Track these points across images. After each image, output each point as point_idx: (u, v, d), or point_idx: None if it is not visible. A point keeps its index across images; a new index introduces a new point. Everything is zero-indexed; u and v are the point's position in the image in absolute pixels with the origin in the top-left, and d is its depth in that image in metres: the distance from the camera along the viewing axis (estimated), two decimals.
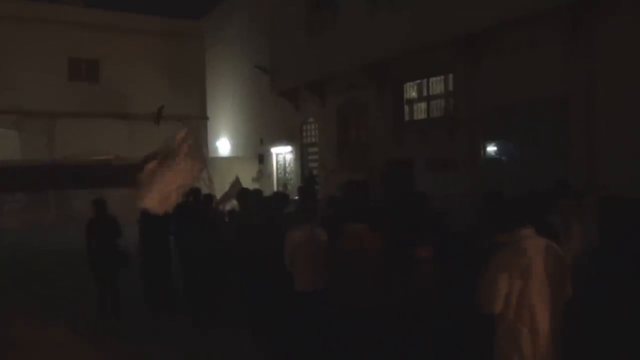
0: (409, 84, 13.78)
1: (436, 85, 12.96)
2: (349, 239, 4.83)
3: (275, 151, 20.40)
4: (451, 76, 12.33)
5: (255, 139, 21.59)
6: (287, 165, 19.79)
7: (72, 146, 19.97)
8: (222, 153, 24.60)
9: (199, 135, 23.52)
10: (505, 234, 3.51)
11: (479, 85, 11.23)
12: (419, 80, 13.44)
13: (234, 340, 6.56)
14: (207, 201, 8.40)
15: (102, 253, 7.79)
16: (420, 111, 13.50)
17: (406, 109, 13.87)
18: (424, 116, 13.37)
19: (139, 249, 8.07)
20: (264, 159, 20.96)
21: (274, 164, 20.62)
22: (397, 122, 13.87)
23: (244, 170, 15.69)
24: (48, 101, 20.44)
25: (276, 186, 19.80)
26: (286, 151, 19.65)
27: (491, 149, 11.29)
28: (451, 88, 12.39)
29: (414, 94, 13.71)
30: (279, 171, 20.43)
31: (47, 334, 7.18)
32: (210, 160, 21.51)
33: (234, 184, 10.99)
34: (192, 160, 6.91)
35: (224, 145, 24.78)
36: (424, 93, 13.33)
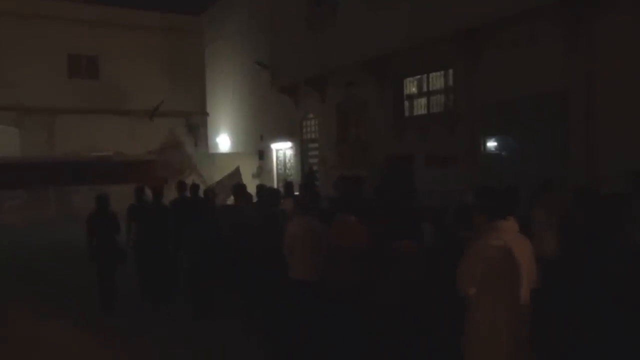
0: (409, 79, 13.75)
1: (436, 80, 12.93)
2: (338, 231, 5.14)
3: (275, 147, 20.38)
4: (451, 71, 12.30)
5: (255, 135, 21.57)
6: (287, 161, 19.77)
7: (72, 142, 20.00)
8: (222, 149, 24.59)
9: (197, 132, 23.64)
10: (482, 224, 3.88)
11: (479, 80, 11.21)
12: (419, 76, 13.41)
13: (232, 331, 6.61)
14: (208, 195, 8.45)
15: (101, 249, 7.85)
16: (421, 107, 13.48)
17: (406, 104, 13.85)
18: (424, 112, 13.35)
19: (133, 242, 8.19)
20: (264, 155, 20.95)
21: (274, 159, 20.60)
22: (397, 118, 13.85)
23: (244, 166, 15.66)
24: (48, 98, 20.44)
25: (276, 182, 19.81)
26: (286, 147, 19.63)
27: (491, 144, 11.28)
28: (451, 83, 12.37)
29: (414, 90, 13.68)
30: (279, 167, 20.42)
31: (48, 330, 7.19)
32: (211, 157, 21.57)
33: (233, 173, 10.93)
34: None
35: (224, 142, 24.78)
36: (424, 88, 13.30)
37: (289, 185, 9.44)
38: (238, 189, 8.17)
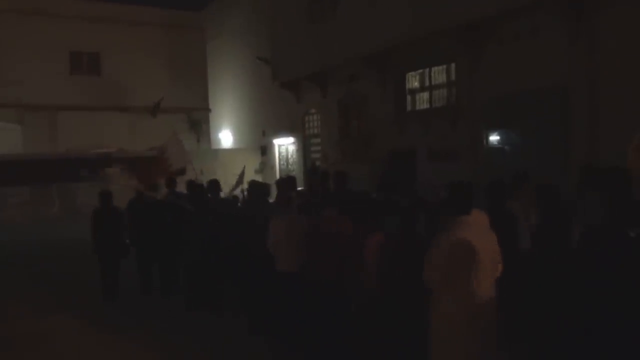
0: (410, 73, 13.73)
1: (438, 74, 12.91)
2: (324, 223, 5.36)
3: (277, 142, 20.38)
4: (453, 65, 12.29)
5: (257, 130, 21.58)
6: (290, 157, 19.78)
7: (74, 139, 20.02)
8: (224, 145, 24.61)
9: (200, 128, 23.65)
10: (448, 219, 3.93)
11: (481, 74, 11.20)
12: (421, 70, 13.39)
13: (236, 326, 6.64)
14: (212, 188, 8.40)
15: (105, 244, 7.95)
16: (423, 101, 13.46)
17: (408, 99, 13.84)
18: (426, 106, 13.34)
19: (131, 237, 8.30)
20: (267, 150, 20.95)
21: (277, 155, 20.62)
22: (399, 112, 13.84)
23: (246, 162, 15.70)
24: (50, 94, 20.48)
25: (279, 177, 19.80)
26: (288, 142, 19.64)
27: (494, 138, 11.27)
28: (453, 77, 12.35)
29: (416, 84, 13.66)
30: (282, 162, 20.43)
31: (52, 326, 7.23)
32: (213, 152, 21.58)
33: (241, 174, 11.08)
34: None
35: (226, 137, 24.79)
36: (426, 83, 13.29)
37: (291, 180, 9.41)
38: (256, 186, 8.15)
